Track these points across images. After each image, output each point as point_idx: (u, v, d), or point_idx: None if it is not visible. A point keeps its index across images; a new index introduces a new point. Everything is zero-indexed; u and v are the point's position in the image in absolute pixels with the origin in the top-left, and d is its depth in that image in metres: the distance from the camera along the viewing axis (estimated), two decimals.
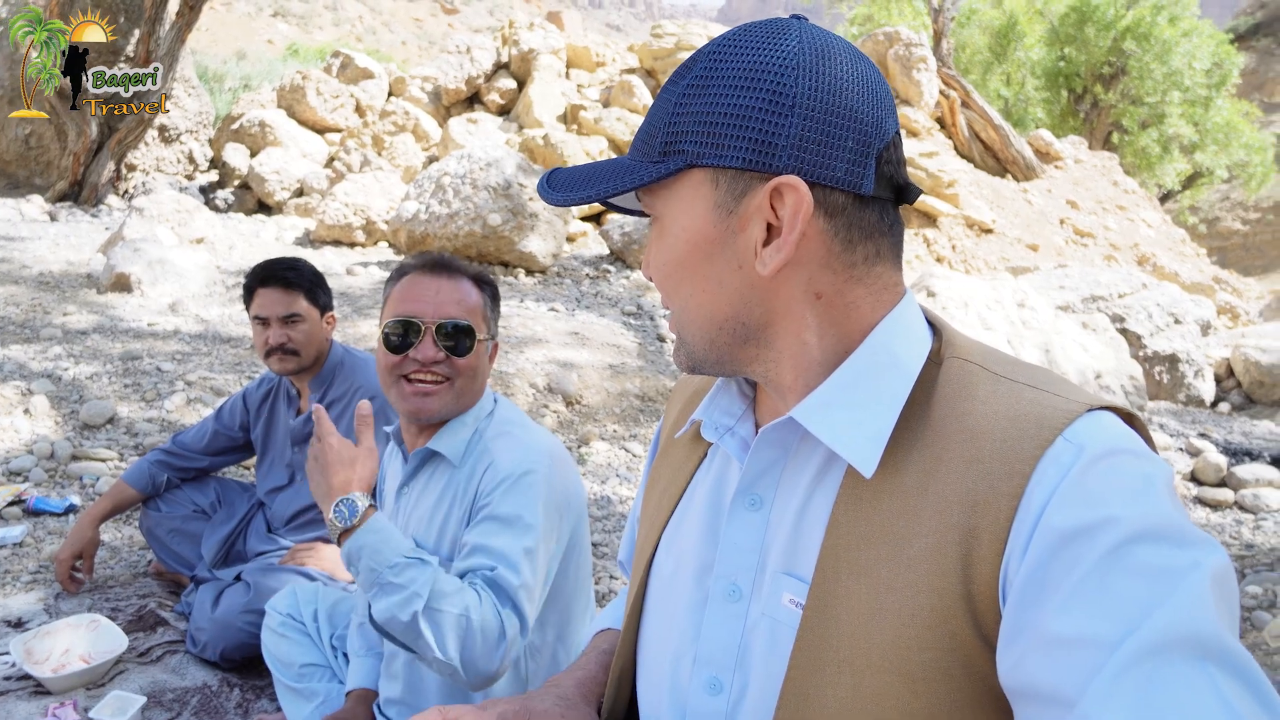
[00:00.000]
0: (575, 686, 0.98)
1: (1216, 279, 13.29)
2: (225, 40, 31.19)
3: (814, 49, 0.73)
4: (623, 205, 0.90)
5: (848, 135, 0.72)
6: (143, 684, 2.16)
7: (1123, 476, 0.64)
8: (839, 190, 0.73)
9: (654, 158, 0.77)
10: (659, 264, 0.82)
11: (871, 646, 0.69)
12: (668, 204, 0.78)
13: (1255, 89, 38.82)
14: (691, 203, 0.76)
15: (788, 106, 0.71)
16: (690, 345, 0.82)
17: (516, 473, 1.55)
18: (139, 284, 5.68)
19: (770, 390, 0.83)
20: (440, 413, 1.61)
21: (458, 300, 1.63)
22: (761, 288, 0.76)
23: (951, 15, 15.52)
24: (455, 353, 1.60)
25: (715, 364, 0.82)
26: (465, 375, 1.61)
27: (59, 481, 3.30)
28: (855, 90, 0.73)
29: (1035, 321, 5.94)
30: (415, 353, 1.58)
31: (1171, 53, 20.66)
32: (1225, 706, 0.54)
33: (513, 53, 11.93)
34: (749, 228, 0.74)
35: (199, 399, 4.04)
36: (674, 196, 0.77)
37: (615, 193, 0.77)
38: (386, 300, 1.66)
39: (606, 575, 3.08)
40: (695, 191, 0.76)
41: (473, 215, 6.79)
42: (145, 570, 2.77)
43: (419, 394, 1.59)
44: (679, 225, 0.78)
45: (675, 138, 0.75)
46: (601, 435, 4.41)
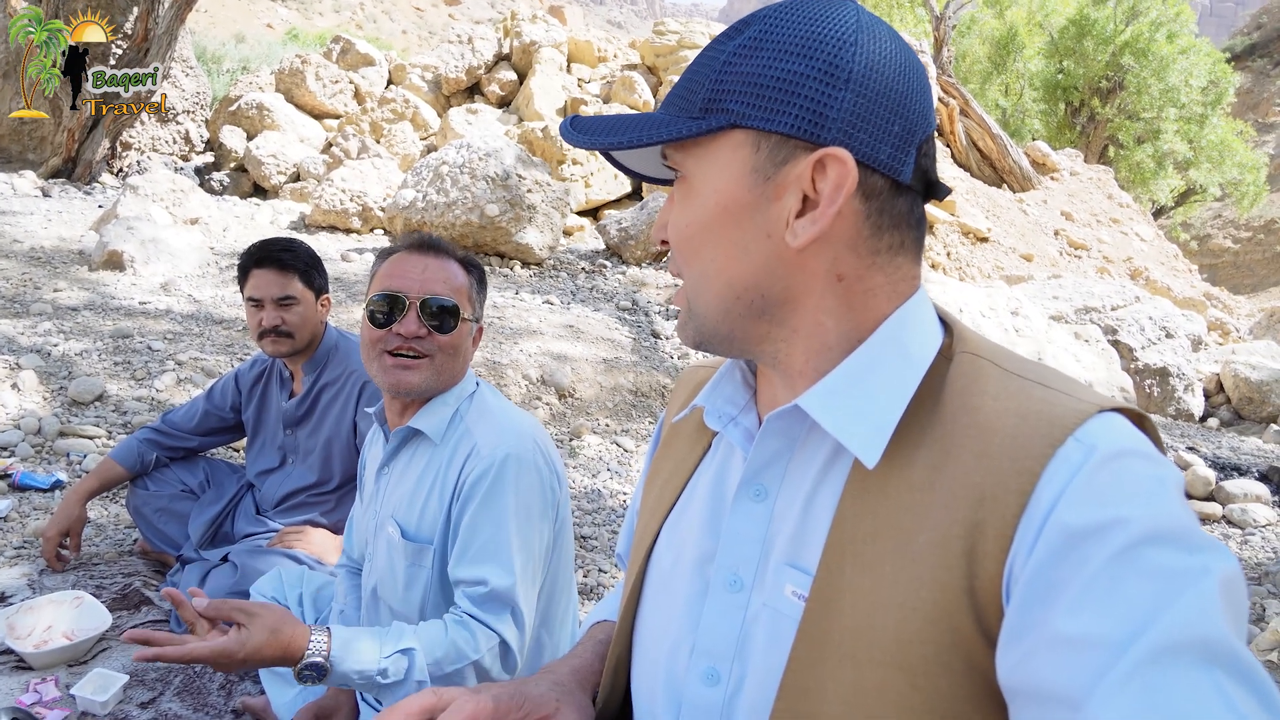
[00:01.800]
0: (571, 674, 0.98)
1: (1208, 295, 13.38)
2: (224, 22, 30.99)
3: (870, 29, 0.73)
4: (636, 169, 0.87)
5: (895, 120, 0.71)
6: (125, 662, 2.14)
7: (1133, 478, 0.64)
8: (879, 173, 0.72)
9: (693, 114, 0.74)
10: (681, 224, 0.78)
11: (874, 640, 0.69)
12: (700, 163, 0.76)
13: (1250, 109, 39.09)
14: (728, 164, 0.74)
15: (843, 80, 0.70)
16: (701, 316, 0.79)
17: (500, 459, 1.55)
18: (131, 262, 5.64)
19: (777, 374, 0.81)
20: (419, 388, 1.61)
21: (444, 279, 1.63)
22: (787, 260, 0.75)
23: (953, 23, 15.57)
24: (439, 330, 1.60)
25: (724, 339, 0.80)
26: (446, 353, 1.62)
27: (46, 457, 3.27)
28: (905, 77, 0.72)
29: (1028, 330, 5.96)
30: (399, 327, 1.58)
31: (1169, 69, 20.80)
32: (1232, 712, 0.54)
33: (514, 44, 11.89)
34: (784, 197, 0.73)
35: (189, 379, 4.02)
36: (709, 156, 0.75)
37: (645, 143, 0.75)
38: (373, 278, 1.67)
39: (596, 569, 3.07)
40: (734, 153, 0.74)
41: (470, 205, 6.76)
42: (131, 549, 2.75)
43: (400, 367, 1.59)
44: (711, 186, 0.75)
45: (720, 96, 0.73)
46: (594, 429, 4.40)
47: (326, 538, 2.45)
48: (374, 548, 1.71)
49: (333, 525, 2.50)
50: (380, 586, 1.67)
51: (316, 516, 2.49)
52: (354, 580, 1.89)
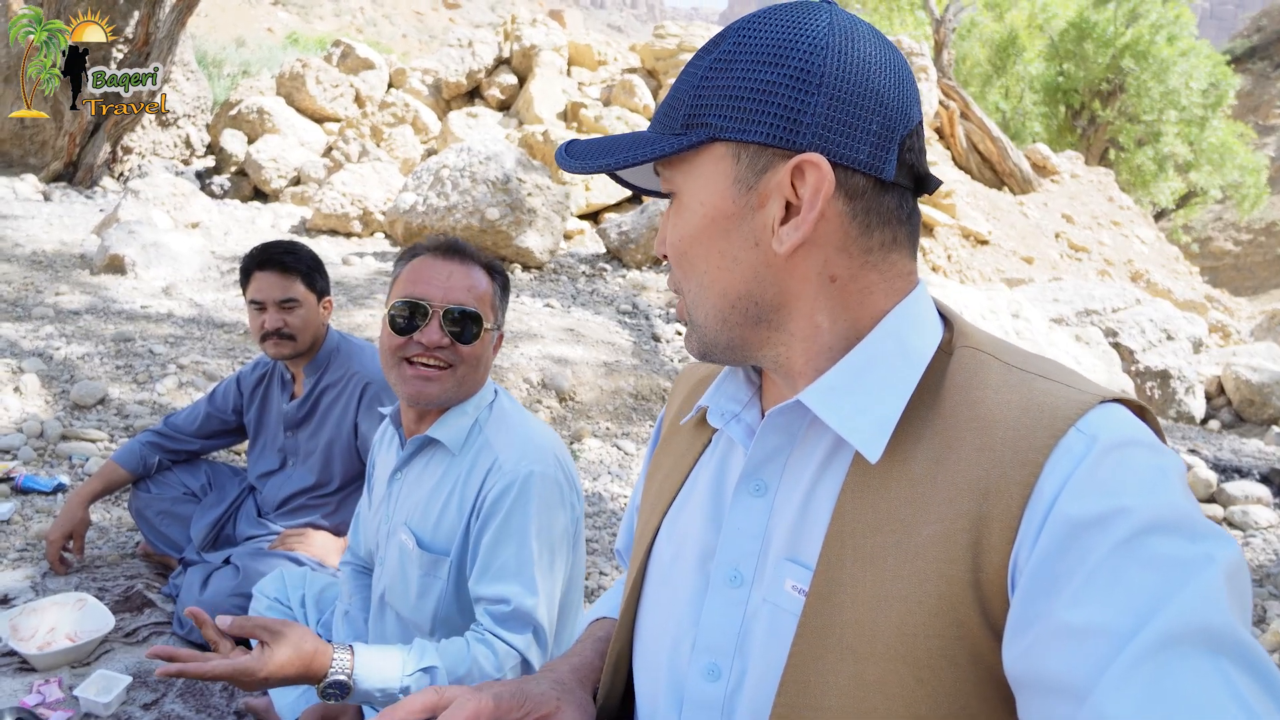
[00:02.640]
0: (571, 672, 0.98)
1: (1209, 297, 13.37)
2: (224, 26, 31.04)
3: (843, 30, 0.73)
4: (639, 185, 0.89)
5: (873, 118, 0.72)
6: (128, 664, 2.15)
7: (1136, 467, 0.64)
8: (860, 173, 0.73)
9: (675, 130, 0.76)
10: (675, 239, 0.80)
11: (875, 633, 0.69)
12: (687, 178, 0.77)
13: (1250, 111, 39.10)
14: (711, 177, 0.76)
15: (815, 84, 0.71)
16: (702, 327, 0.81)
17: (522, 475, 1.53)
18: (133, 266, 5.65)
19: (779, 377, 0.82)
20: (440, 399, 1.59)
21: (468, 286, 1.59)
22: (777, 267, 0.76)
23: (953, 26, 15.59)
24: (461, 339, 1.57)
25: (726, 348, 0.81)
26: (468, 363, 1.59)
27: (48, 460, 3.27)
28: (882, 74, 0.73)
29: (1029, 333, 5.96)
30: (420, 336, 1.55)
31: (1169, 72, 20.81)
32: (1238, 699, 0.54)
33: (514, 48, 11.90)
34: (768, 205, 0.74)
35: (191, 383, 4.02)
36: (694, 170, 0.77)
37: (633, 163, 0.76)
38: (395, 280, 1.63)
39: (596, 571, 3.08)
40: (715, 166, 0.75)
41: (470, 209, 6.77)
42: (133, 551, 2.75)
43: (420, 378, 1.56)
44: (697, 200, 0.77)
45: (699, 111, 0.75)
46: (594, 432, 4.40)
47: (328, 540, 2.45)
48: (385, 553, 1.69)
49: (334, 527, 2.50)
50: (389, 593, 1.65)
51: (318, 519, 2.50)
52: (359, 580, 1.89)
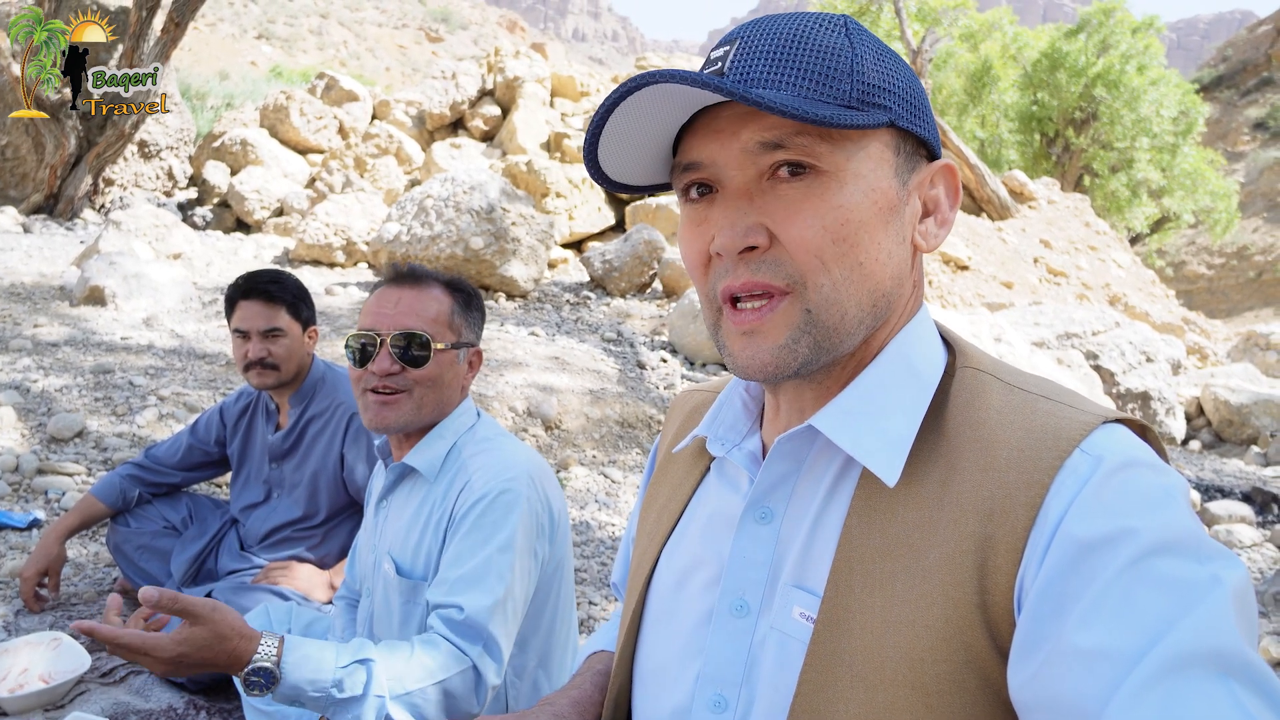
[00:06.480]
0: (570, 705, 0.96)
1: (1186, 319, 13.55)
2: (208, 60, 31.12)
3: None
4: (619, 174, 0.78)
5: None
6: (105, 705, 2.08)
7: (1141, 488, 0.64)
8: None
9: (845, 102, 0.69)
10: (835, 222, 0.70)
11: (885, 660, 0.68)
12: (851, 158, 0.71)
13: (1219, 138, 39.97)
14: (880, 161, 0.72)
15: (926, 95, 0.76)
16: (832, 327, 0.72)
17: (493, 492, 1.53)
18: (113, 297, 5.59)
19: (805, 396, 0.80)
20: (400, 423, 1.60)
21: (417, 311, 1.62)
22: (908, 269, 0.76)
23: (930, 57, 15.85)
24: (411, 364, 1.60)
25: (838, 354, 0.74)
26: (424, 385, 1.61)
27: (23, 495, 3.20)
28: None
29: (1011, 356, 6.00)
30: (373, 365, 1.59)
31: (1140, 100, 21.24)
32: None
33: (498, 80, 11.99)
34: (913, 202, 0.75)
35: (171, 414, 3.96)
36: (860, 152, 0.71)
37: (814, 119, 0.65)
38: None
39: (586, 601, 3.03)
40: (882, 153, 0.73)
41: (454, 238, 6.76)
42: (111, 588, 2.69)
43: (379, 403, 1.60)
44: (867, 183, 0.71)
45: (870, 92, 0.70)
46: (580, 460, 4.37)
47: (313, 573, 2.40)
48: (372, 583, 1.68)
49: (319, 560, 2.45)
50: (375, 622, 1.64)
51: (302, 551, 2.45)
52: (352, 615, 1.86)
